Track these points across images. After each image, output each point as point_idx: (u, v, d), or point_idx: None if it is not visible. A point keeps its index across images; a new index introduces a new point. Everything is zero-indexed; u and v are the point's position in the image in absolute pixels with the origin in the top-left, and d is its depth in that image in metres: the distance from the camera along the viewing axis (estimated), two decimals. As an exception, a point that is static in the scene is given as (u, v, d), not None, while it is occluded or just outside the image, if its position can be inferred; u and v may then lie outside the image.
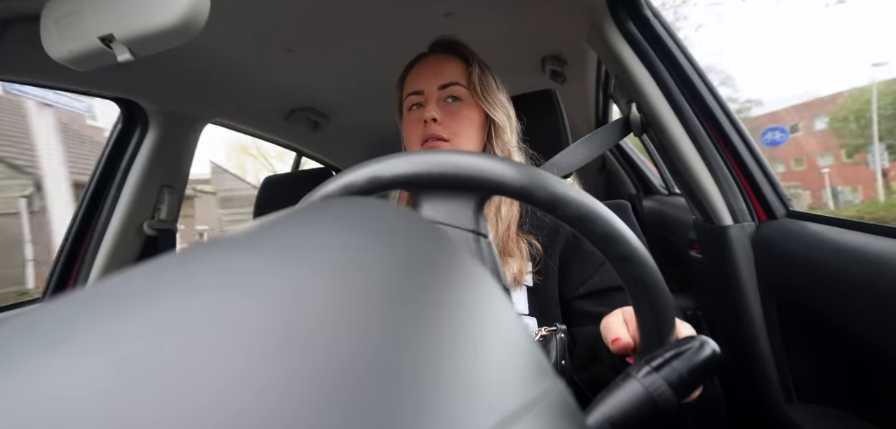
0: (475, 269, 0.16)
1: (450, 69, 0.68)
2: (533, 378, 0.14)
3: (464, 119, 0.66)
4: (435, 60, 0.69)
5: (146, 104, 1.05)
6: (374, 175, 0.32)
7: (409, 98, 0.69)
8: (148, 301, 0.12)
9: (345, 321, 0.12)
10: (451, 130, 0.65)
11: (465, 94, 0.67)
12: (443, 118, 0.65)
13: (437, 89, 0.67)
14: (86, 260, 1.07)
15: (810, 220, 0.67)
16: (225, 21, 0.82)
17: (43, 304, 0.12)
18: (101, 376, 0.09)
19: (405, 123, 0.70)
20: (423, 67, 0.69)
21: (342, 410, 0.10)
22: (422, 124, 0.65)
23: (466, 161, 0.31)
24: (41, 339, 0.10)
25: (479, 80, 0.67)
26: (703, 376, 0.27)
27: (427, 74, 0.68)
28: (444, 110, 0.66)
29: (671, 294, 0.32)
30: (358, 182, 0.32)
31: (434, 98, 0.67)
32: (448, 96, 0.67)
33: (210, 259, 0.14)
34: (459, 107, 0.66)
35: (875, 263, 0.50)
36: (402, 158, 0.32)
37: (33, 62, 0.78)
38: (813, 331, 0.65)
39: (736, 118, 0.77)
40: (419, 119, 0.66)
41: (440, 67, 0.68)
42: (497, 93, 0.68)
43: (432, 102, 0.66)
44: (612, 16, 0.79)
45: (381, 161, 0.32)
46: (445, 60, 0.69)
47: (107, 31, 0.52)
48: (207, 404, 0.09)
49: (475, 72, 0.67)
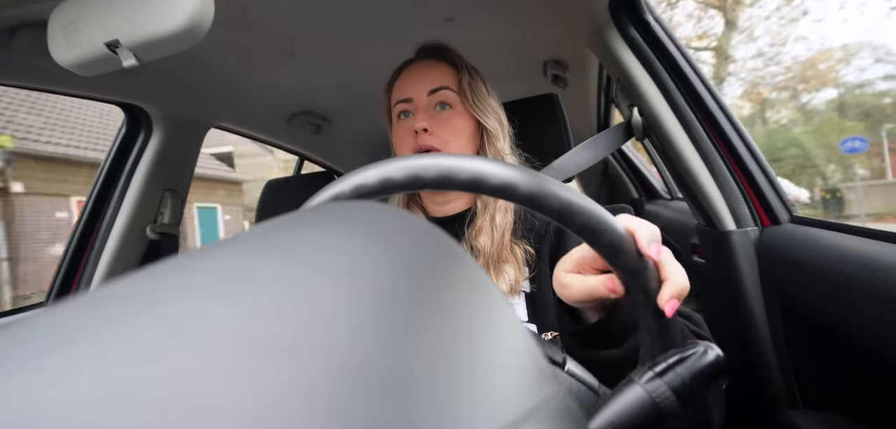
0: (477, 272, 0.16)
1: (438, 74, 0.66)
2: (535, 383, 0.14)
3: (455, 127, 0.64)
4: (423, 66, 0.68)
5: (150, 109, 1.06)
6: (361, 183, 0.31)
7: (397, 106, 0.67)
8: (151, 306, 0.12)
9: (345, 326, 0.12)
10: (442, 138, 0.63)
11: (455, 100, 0.65)
12: (433, 127, 0.63)
13: (427, 95, 0.65)
14: (89, 264, 1.08)
15: (814, 225, 0.67)
16: (228, 26, 0.82)
17: (46, 308, 0.12)
18: (103, 383, 0.09)
19: (395, 131, 0.68)
20: (411, 74, 0.68)
21: (342, 415, 0.10)
22: (412, 134, 0.64)
23: (465, 163, 0.31)
24: (44, 344, 0.10)
25: (469, 86, 0.65)
26: (707, 381, 0.27)
27: (415, 81, 0.66)
28: (434, 119, 0.64)
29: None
30: (368, 184, 0.31)
31: (423, 105, 0.65)
32: (437, 103, 0.65)
33: (213, 264, 0.14)
34: (450, 115, 0.65)
35: (881, 270, 0.50)
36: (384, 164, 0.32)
37: (40, 67, 0.79)
38: (817, 337, 0.65)
39: (738, 123, 0.77)
40: (409, 128, 0.64)
41: (428, 73, 0.67)
42: (488, 98, 0.67)
43: (422, 111, 0.65)
44: (614, 21, 0.79)
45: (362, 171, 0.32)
46: (434, 66, 0.67)
47: (112, 37, 0.53)
48: (207, 411, 0.09)
49: (465, 77, 0.66)
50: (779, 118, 11.34)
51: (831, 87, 10.65)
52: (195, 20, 0.50)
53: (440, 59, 0.68)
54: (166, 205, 1.15)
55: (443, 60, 0.68)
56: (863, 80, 10.46)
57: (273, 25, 0.88)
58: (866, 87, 10.40)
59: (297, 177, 1.63)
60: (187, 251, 0.16)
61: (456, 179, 0.30)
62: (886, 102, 10.13)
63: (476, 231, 0.62)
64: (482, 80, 0.68)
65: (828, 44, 9.37)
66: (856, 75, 10.57)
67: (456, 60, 0.68)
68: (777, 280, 0.70)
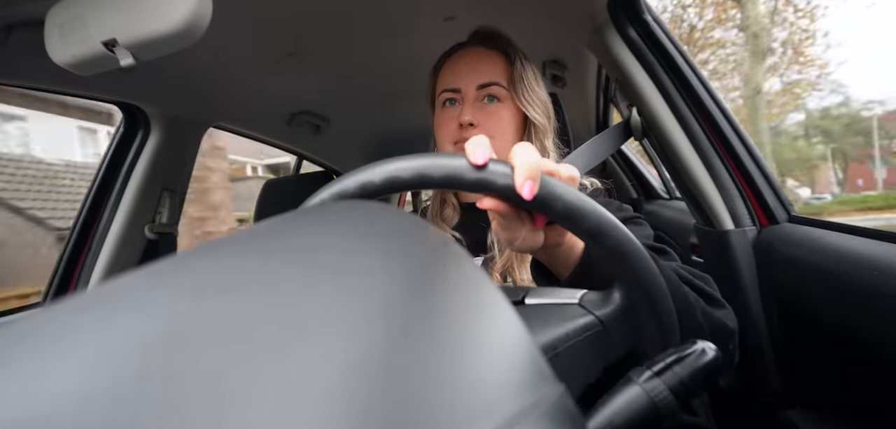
0: (475, 272, 0.16)
1: (490, 67, 0.63)
2: (533, 382, 0.14)
3: (501, 120, 0.62)
4: (475, 55, 0.64)
5: (148, 108, 1.06)
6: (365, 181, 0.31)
7: (443, 94, 0.64)
8: (150, 305, 0.12)
9: (343, 325, 0.12)
10: (488, 132, 0.60)
11: (504, 93, 0.63)
12: (480, 120, 0.61)
13: (476, 89, 0.62)
14: (87, 263, 1.07)
15: (812, 225, 0.67)
16: (227, 25, 0.82)
17: (44, 308, 0.12)
18: (101, 380, 0.09)
19: (438, 118, 0.65)
20: (462, 62, 0.64)
21: (341, 412, 0.10)
22: (455, 124, 0.61)
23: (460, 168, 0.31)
24: (41, 343, 0.10)
25: (520, 78, 0.62)
26: (705, 380, 0.27)
27: (465, 71, 0.63)
28: (480, 111, 0.62)
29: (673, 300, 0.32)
30: (374, 182, 0.31)
31: (471, 98, 0.62)
32: (486, 96, 0.63)
33: (212, 262, 0.14)
34: (497, 108, 0.62)
35: (879, 269, 0.50)
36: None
37: (36, 66, 0.79)
38: (815, 336, 0.65)
39: (736, 123, 0.77)
40: (453, 117, 0.62)
41: (480, 64, 0.63)
42: (537, 90, 0.64)
43: (469, 103, 0.62)
44: (613, 21, 0.79)
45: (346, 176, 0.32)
46: (486, 56, 0.64)
47: (110, 36, 0.53)
48: (206, 409, 0.09)
49: (516, 69, 0.63)
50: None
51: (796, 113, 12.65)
52: (193, 19, 0.50)
53: (493, 48, 0.65)
54: (165, 204, 1.15)
55: (496, 49, 0.65)
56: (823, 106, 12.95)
57: (272, 25, 0.88)
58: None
59: (295, 176, 1.63)
60: (185, 251, 0.16)
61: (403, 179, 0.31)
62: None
63: None
64: (533, 68, 0.65)
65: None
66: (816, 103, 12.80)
67: (509, 50, 0.64)
68: (775, 279, 0.70)
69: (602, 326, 0.31)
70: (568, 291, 0.34)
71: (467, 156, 0.30)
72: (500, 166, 0.30)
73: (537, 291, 0.35)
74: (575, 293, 0.34)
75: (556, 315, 0.31)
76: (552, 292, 0.35)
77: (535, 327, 0.30)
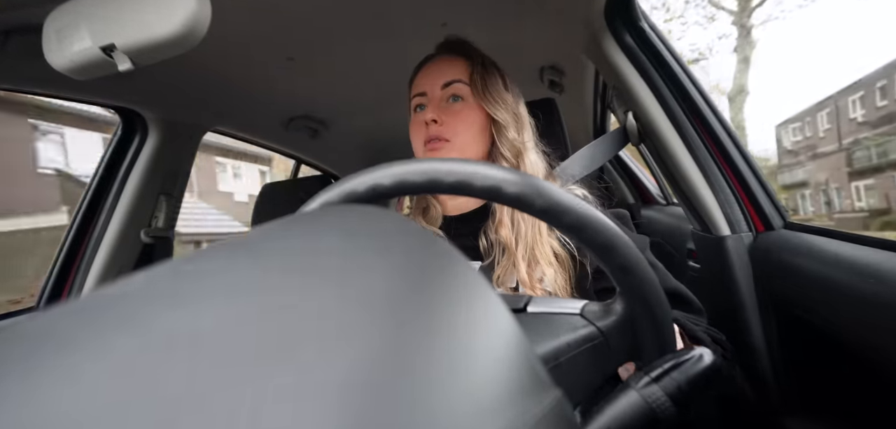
0: (473, 277, 0.16)
1: (452, 69, 0.68)
2: (530, 389, 0.14)
3: (465, 118, 0.66)
4: (440, 62, 0.70)
5: (146, 112, 1.06)
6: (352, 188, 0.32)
7: (414, 99, 0.70)
8: (145, 312, 0.11)
9: (339, 331, 0.12)
10: (453, 129, 0.65)
11: (467, 92, 0.67)
12: (444, 119, 0.65)
13: (440, 89, 0.67)
14: (82, 268, 1.07)
15: (808, 231, 0.68)
16: (225, 30, 0.82)
17: (37, 313, 0.12)
18: (93, 389, 0.09)
19: (411, 123, 0.70)
20: (428, 69, 0.70)
21: (335, 420, 0.10)
22: (423, 126, 0.66)
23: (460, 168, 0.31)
24: (35, 348, 0.10)
25: (480, 78, 0.67)
26: (703, 387, 0.27)
27: (430, 75, 0.69)
28: (445, 111, 0.66)
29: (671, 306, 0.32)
30: (357, 190, 0.32)
31: (436, 99, 0.67)
32: (450, 96, 0.67)
33: (208, 267, 0.14)
34: (461, 107, 0.66)
35: (874, 277, 0.51)
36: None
37: (34, 71, 0.78)
38: (812, 342, 0.65)
39: (733, 130, 0.78)
40: (422, 121, 0.66)
41: (443, 67, 0.69)
42: (502, 91, 0.68)
43: (433, 103, 0.67)
44: (609, 27, 0.80)
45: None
46: (449, 61, 0.69)
47: (108, 41, 0.53)
48: (201, 417, 0.09)
49: (477, 70, 0.67)
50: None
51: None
52: (192, 24, 0.50)
53: (455, 54, 0.70)
54: (161, 209, 1.14)
55: (458, 54, 0.70)
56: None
57: (270, 30, 0.88)
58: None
59: (293, 181, 1.62)
60: (181, 256, 0.16)
61: (411, 183, 0.31)
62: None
63: (497, 224, 0.62)
64: (499, 73, 0.69)
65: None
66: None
67: (471, 53, 0.70)
68: (771, 285, 0.70)
69: (603, 337, 0.31)
70: (570, 301, 0.35)
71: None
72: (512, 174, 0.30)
73: (539, 301, 0.35)
74: (577, 304, 0.34)
75: (558, 325, 0.31)
76: (554, 302, 0.35)
77: (537, 335, 0.30)
